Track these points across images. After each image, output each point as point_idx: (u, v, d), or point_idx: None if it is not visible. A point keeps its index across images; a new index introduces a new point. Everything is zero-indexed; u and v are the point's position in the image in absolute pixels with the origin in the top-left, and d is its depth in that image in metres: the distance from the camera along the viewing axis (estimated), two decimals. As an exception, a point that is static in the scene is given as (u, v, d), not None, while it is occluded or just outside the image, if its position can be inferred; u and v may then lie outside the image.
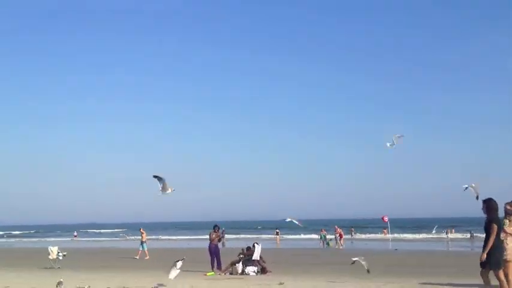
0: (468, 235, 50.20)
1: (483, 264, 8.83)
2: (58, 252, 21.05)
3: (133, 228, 73.45)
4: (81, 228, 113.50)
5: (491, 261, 8.68)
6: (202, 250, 19.50)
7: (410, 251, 29.89)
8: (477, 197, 11.32)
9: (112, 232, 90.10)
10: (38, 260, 21.84)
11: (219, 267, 17.16)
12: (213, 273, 16.52)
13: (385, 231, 53.03)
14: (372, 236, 55.73)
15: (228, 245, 35.01)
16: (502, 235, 8.89)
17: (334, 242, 38.69)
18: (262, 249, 17.92)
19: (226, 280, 14.31)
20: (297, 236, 57.64)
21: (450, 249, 34.88)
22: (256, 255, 17.25)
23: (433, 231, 55.05)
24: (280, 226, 49.67)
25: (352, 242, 44.82)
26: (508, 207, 9.27)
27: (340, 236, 38.36)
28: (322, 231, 40.39)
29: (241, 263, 16.96)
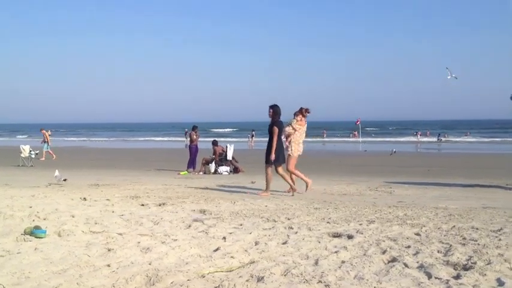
0: (435, 139, 51.91)
1: (269, 161, 9.99)
2: (30, 151, 21.05)
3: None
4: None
5: (278, 158, 9.96)
6: (175, 150, 19.68)
7: (380, 152, 30.77)
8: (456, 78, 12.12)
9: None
10: (10, 158, 21.77)
11: (193, 166, 17.48)
12: (186, 172, 16.84)
13: (355, 133, 54.16)
14: (343, 139, 56.92)
15: (200, 146, 35.34)
16: (287, 131, 10.21)
17: None
18: (235, 150, 18.25)
19: (199, 179, 14.61)
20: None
21: (418, 150, 36.06)
22: (229, 156, 17.60)
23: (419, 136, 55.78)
24: (256, 128, 50.02)
25: (323, 144, 45.79)
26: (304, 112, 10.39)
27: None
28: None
29: (214, 162, 17.29)
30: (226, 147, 18.04)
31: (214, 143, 18.04)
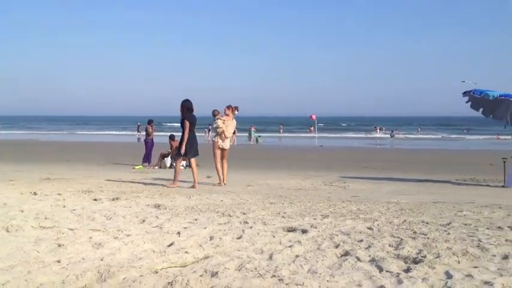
0: (387, 133, 53.22)
1: (180, 154, 10.46)
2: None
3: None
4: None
5: (189, 151, 10.38)
6: (130, 144, 19.35)
7: (335, 148, 31.23)
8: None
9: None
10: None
11: (148, 161, 17.24)
12: (141, 166, 16.59)
13: (311, 129, 54.72)
14: (300, 135, 57.40)
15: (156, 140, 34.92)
16: (218, 125, 10.99)
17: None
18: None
19: (154, 173, 14.42)
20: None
21: (373, 146, 36.79)
22: (185, 150, 17.44)
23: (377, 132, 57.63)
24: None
25: (280, 139, 46.11)
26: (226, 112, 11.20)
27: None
28: (251, 128, 41.19)
29: (170, 157, 17.10)
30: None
31: (172, 138, 17.83)
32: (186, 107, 10.38)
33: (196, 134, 10.81)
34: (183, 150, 10.34)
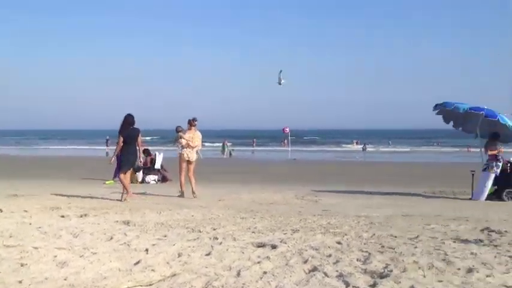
0: (361, 147, 53.82)
1: (122, 167, 10.75)
2: None
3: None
4: None
5: (125, 164, 10.66)
6: (100, 159, 19.07)
7: (308, 161, 31.41)
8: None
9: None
10: None
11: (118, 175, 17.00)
12: (112, 181, 16.36)
13: (285, 142, 54.93)
14: (273, 148, 57.53)
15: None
16: (182, 138, 11.41)
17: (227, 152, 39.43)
18: (164, 158, 17.95)
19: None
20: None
21: (346, 159, 37.10)
22: (157, 164, 17.29)
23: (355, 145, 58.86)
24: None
25: (253, 153, 46.17)
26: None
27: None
28: (225, 142, 41.15)
29: (141, 171, 16.91)
30: (155, 155, 17.73)
31: (147, 153, 17.63)
32: (125, 120, 10.66)
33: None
34: (112, 161, 11.02)
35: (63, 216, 7.61)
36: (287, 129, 44.59)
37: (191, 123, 11.67)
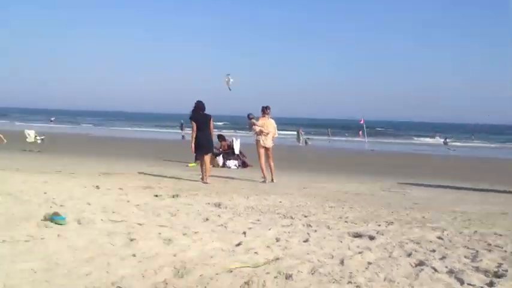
0: (442, 141, 51.84)
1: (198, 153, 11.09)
2: (36, 136, 20.93)
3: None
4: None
5: (200, 149, 10.93)
6: (175, 142, 19.50)
7: (387, 153, 30.63)
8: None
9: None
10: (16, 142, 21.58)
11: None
12: (194, 164, 16.74)
13: (360, 133, 53.94)
14: (348, 138, 56.62)
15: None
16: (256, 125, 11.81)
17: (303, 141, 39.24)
18: (242, 144, 18.11)
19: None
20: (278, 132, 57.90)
21: (426, 152, 35.87)
22: (236, 150, 17.49)
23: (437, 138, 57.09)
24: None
25: (329, 142, 45.68)
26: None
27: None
28: (300, 130, 41.01)
29: (221, 156, 17.19)
30: (232, 140, 17.93)
31: (222, 138, 17.91)
32: (196, 106, 11.00)
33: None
34: (192, 150, 11.05)
35: (156, 196, 7.87)
36: (362, 121, 43.76)
37: (264, 110, 12.01)
